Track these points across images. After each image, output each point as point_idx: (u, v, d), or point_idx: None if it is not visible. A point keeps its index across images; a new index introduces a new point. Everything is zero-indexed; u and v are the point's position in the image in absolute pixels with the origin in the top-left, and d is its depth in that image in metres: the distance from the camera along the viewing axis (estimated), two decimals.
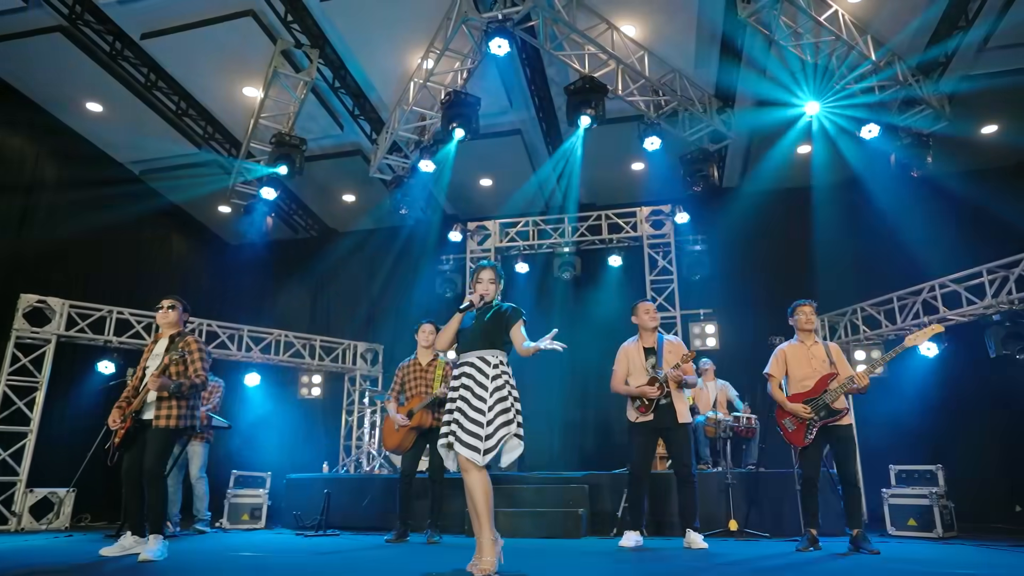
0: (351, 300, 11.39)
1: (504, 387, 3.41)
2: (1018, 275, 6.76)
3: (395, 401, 5.76)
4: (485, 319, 3.56)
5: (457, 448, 3.32)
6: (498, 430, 3.30)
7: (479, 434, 3.29)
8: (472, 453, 3.27)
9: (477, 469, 3.29)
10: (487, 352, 3.48)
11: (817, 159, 9.35)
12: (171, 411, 4.31)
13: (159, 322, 4.62)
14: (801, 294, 9.54)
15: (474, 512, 3.47)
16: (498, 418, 3.32)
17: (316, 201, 11.07)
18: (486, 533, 3.28)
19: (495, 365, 3.45)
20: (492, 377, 3.41)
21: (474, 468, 3.29)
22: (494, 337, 3.51)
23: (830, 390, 4.73)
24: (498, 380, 3.41)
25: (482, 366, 3.45)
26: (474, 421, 3.32)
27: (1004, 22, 6.91)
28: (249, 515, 7.37)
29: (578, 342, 10.22)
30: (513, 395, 3.43)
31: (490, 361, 3.46)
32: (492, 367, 3.44)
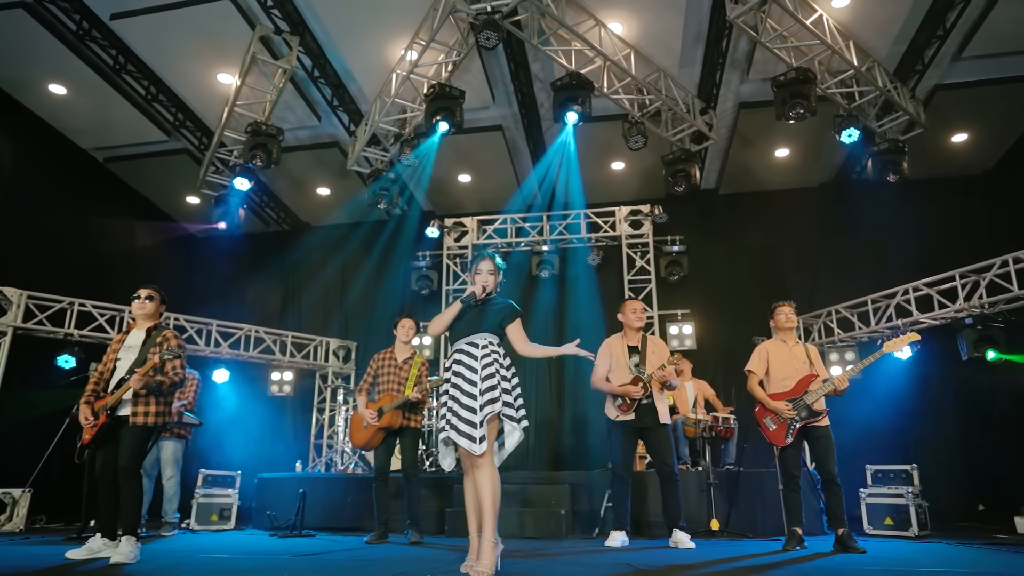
0: (324, 296, 11.15)
1: (492, 365, 3.29)
2: (989, 280, 6.94)
3: (365, 394, 5.60)
4: (481, 311, 3.47)
5: (454, 438, 3.21)
6: (489, 403, 3.19)
7: (473, 420, 3.17)
8: (467, 442, 3.14)
9: (484, 462, 3.16)
10: (476, 336, 3.38)
11: (795, 163, 9.49)
12: (149, 408, 4.11)
13: (135, 313, 4.40)
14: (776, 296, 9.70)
15: (472, 510, 3.36)
16: (489, 393, 3.21)
17: (289, 194, 10.80)
18: (488, 535, 3.14)
19: (483, 346, 3.35)
20: (480, 357, 3.31)
21: (483, 462, 3.16)
22: (487, 326, 3.41)
23: (811, 391, 4.76)
24: (486, 359, 3.30)
25: (470, 350, 3.35)
26: (466, 407, 3.21)
27: (978, 34, 7.09)
28: (218, 516, 7.12)
29: (555, 341, 10.21)
30: (502, 374, 3.30)
31: (478, 343, 3.36)
32: (480, 348, 3.34)
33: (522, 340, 3.48)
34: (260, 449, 10.36)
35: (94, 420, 4.13)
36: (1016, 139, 8.84)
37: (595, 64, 7.28)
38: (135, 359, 4.23)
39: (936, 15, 6.91)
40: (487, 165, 9.79)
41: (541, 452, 9.94)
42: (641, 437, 5.18)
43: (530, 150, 9.49)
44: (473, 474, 3.26)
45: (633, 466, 5.31)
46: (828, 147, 9.16)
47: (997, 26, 6.95)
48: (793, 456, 4.79)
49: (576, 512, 6.38)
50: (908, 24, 7.00)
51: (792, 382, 4.85)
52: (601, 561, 3.95)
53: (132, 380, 3.98)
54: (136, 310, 4.40)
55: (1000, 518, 7.68)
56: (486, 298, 3.52)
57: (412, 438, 5.56)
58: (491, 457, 3.24)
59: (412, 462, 5.53)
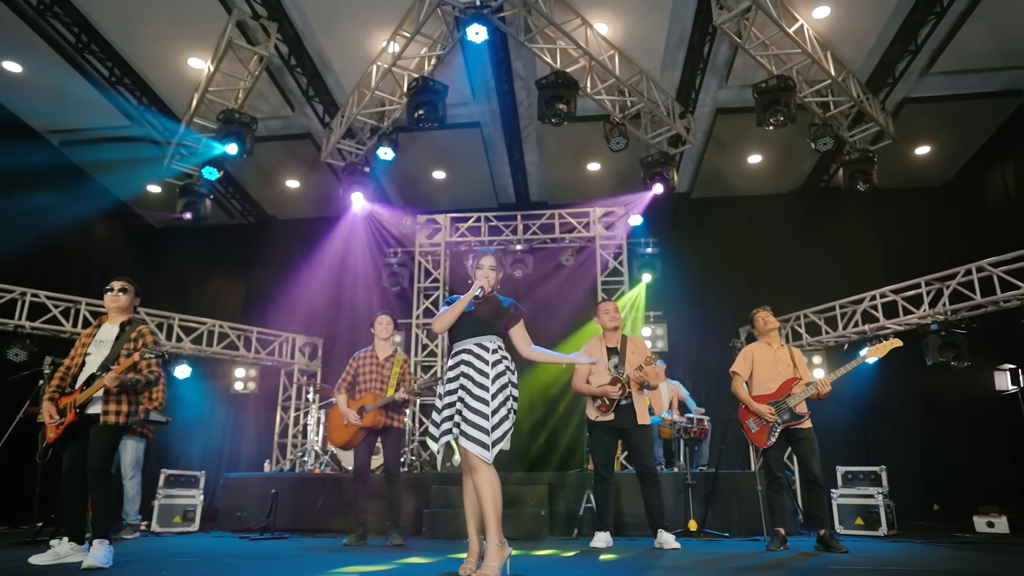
0: (289, 291, 10.83)
1: (505, 373, 3.23)
2: (953, 288, 7.19)
3: (345, 393, 5.45)
4: (484, 309, 3.39)
5: (463, 443, 3.12)
6: (503, 421, 3.13)
7: (484, 427, 3.09)
8: (479, 448, 3.06)
9: (486, 466, 3.10)
10: (484, 338, 3.29)
11: (766, 169, 9.68)
12: (121, 407, 3.91)
13: (109, 306, 4.18)
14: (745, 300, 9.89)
15: (472, 512, 3.30)
16: (501, 408, 3.14)
17: (256, 186, 10.49)
18: (493, 537, 3.06)
19: (494, 350, 3.26)
20: (492, 363, 3.21)
21: (482, 465, 3.09)
22: (492, 325, 3.33)
23: (793, 394, 4.83)
24: (499, 366, 3.22)
25: (480, 352, 3.25)
26: (478, 412, 3.11)
27: (947, 51, 7.34)
28: (181, 517, 6.85)
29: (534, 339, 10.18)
30: (512, 381, 3.26)
31: (488, 347, 3.26)
32: (491, 352, 3.25)
33: (526, 342, 3.43)
34: (222, 448, 10.05)
35: (60, 418, 3.90)
36: (974, 153, 9.21)
37: (579, 64, 7.27)
38: (107, 355, 4.02)
39: (908, 30, 7.12)
40: (463, 162, 9.69)
41: (516, 453, 9.88)
42: (621, 438, 5.18)
43: (507, 148, 9.42)
44: (472, 476, 3.19)
45: (614, 466, 5.30)
46: (798, 155, 9.39)
47: (965, 44, 7.22)
48: (776, 457, 4.86)
49: (553, 512, 6.35)
50: (883, 37, 7.20)
51: (775, 384, 4.91)
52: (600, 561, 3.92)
53: (107, 378, 3.77)
54: (109, 303, 4.18)
55: (954, 517, 7.99)
56: (488, 296, 3.45)
57: (395, 438, 5.44)
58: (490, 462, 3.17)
59: (395, 462, 5.41)
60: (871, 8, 6.77)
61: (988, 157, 8.97)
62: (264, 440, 10.07)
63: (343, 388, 5.47)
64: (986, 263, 6.86)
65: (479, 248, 3.71)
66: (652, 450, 5.11)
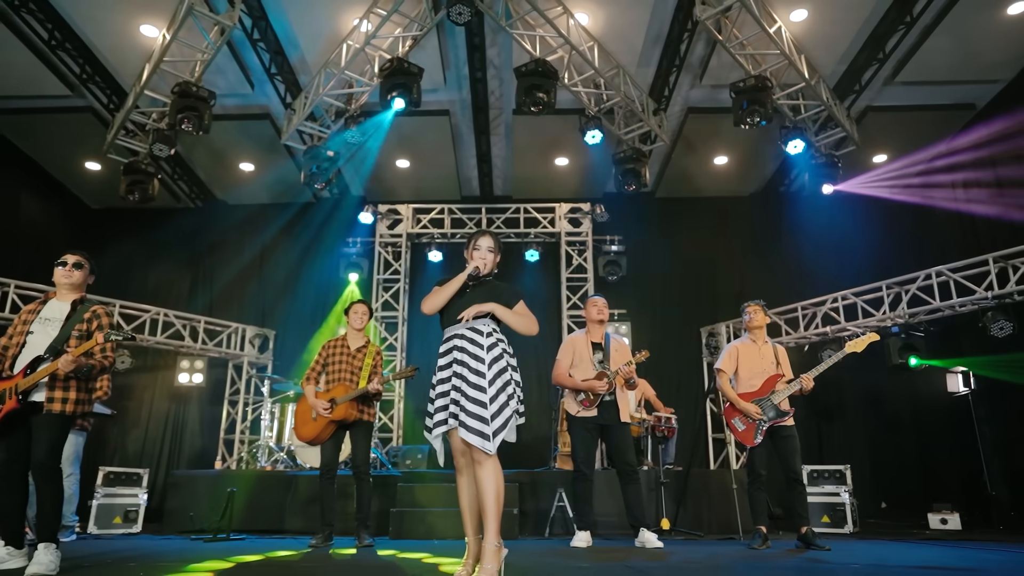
0: (239, 280, 10.31)
1: (502, 357, 3.01)
2: (912, 293, 7.39)
3: (314, 384, 5.14)
4: (478, 292, 3.18)
5: (463, 436, 2.89)
6: (503, 408, 2.90)
7: (484, 416, 2.86)
8: (479, 439, 2.83)
9: (488, 459, 2.87)
10: (477, 322, 3.07)
11: (731, 171, 9.77)
12: (68, 394, 3.52)
13: (60, 281, 3.76)
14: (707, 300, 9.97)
15: (469, 511, 3.07)
16: (500, 394, 2.92)
17: (207, 167, 9.92)
18: (492, 538, 2.83)
19: (488, 333, 3.04)
20: (488, 347, 3.00)
21: (485, 458, 2.87)
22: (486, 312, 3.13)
23: (777, 391, 4.81)
24: (495, 349, 3.01)
25: (474, 336, 3.02)
26: (476, 401, 2.89)
27: (912, 61, 7.55)
28: (123, 518, 6.36)
29: None
30: (511, 364, 3.05)
31: (482, 330, 3.04)
32: (485, 336, 3.03)
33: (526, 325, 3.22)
34: (162, 444, 9.46)
35: None
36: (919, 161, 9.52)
37: (556, 54, 7.13)
38: (56, 336, 3.62)
39: (878, 39, 7.28)
40: (428, 151, 9.41)
41: None
42: (602, 435, 5.07)
43: (475, 139, 9.21)
44: (473, 471, 2.97)
45: (594, 463, 5.18)
46: (762, 158, 9.53)
47: (928, 56, 7.43)
48: (760, 456, 4.82)
49: (524, 512, 6.18)
50: (853, 44, 7.34)
51: (759, 381, 4.88)
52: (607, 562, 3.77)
53: (62, 361, 3.38)
54: (61, 278, 3.77)
55: (902, 515, 8.24)
56: (484, 279, 3.25)
57: (365, 432, 5.15)
58: (494, 455, 2.96)
59: (364, 458, 5.12)
60: (846, 14, 6.88)
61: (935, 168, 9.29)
62: (209, 436, 9.53)
63: (312, 379, 5.16)
64: (945, 268, 7.08)
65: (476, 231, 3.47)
66: (633, 448, 5.01)
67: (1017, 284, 6.55)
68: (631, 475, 4.93)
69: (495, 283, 3.27)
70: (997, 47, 7.35)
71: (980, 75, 7.87)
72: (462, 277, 3.16)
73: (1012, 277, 6.62)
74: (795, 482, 4.75)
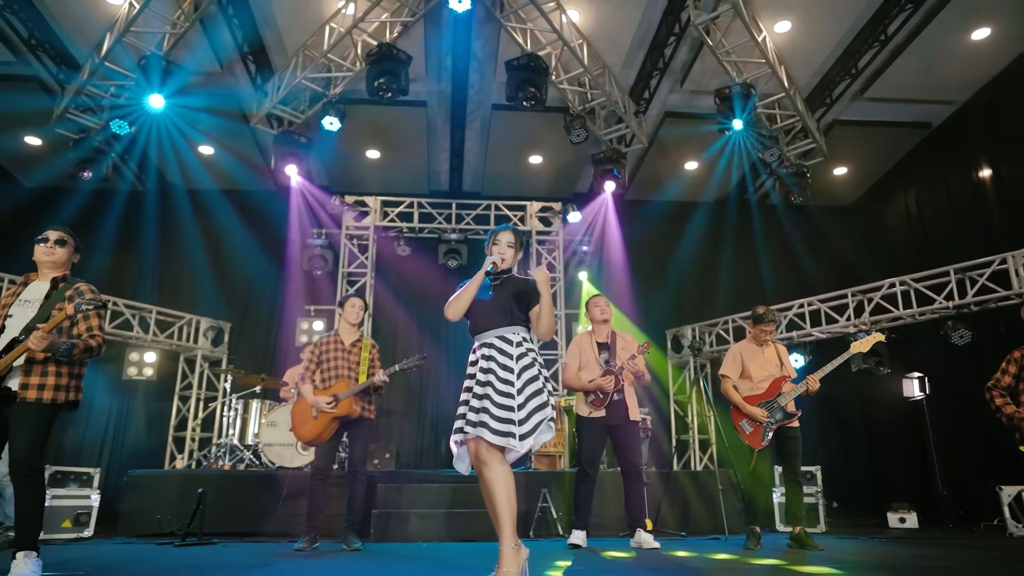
0: (191, 269, 9.76)
1: (533, 365, 2.96)
2: (876, 301, 7.69)
3: (311, 383, 4.91)
4: (501, 291, 3.08)
5: (486, 436, 2.79)
6: (533, 413, 2.85)
7: (512, 418, 2.80)
8: (505, 439, 2.76)
9: (499, 462, 2.81)
10: (507, 330, 3.01)
11: (699, 177, 9.94)
12: (46, 379, 3.19)
13: (41, 259, 3.44)
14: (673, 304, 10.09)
15: (493, 514, 2.96)
16: (531, 400, 2.86)
17: (160, 149, 9.29)
18: (507, 539, 2.77)
19: (518, 343, 2.99)
20: (517, 357, 2.94)
21: (495, 461, 2.81)
22: (513, 312, 3.04)
23: (784, 393, 4.88)
24: (524, 359, 2.95)
25: (503, 346, 2.97)
26: (503, 406, 2.83)
27: (881, 79, 7.87)
28: (73, 521, 5.88)
29: (460, 333, 9.82)
30: (544, 373, 2.99)
31: (511, 339, 2.99)
32: (515, 345, 2.98)
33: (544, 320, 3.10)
34: (104, 441, 8.86)
35: None
36: (879, 177, 9.99)
37: (545, 50, 7.06)
38: (34, 316, 3.29)
39: (850, 55, 7.55)
40: (401, 143, 9.18)
41: (435, 449, 9.50)
42: (610, 434, 5.02)
43: (449, 132, 9.03)
44: (485, 472, 2.86)
45: (599, 464, 5.13)
46: (732, 166, 9.73)
47: (896, 75, 7.76)
48: (767, 457, 4.87)
49: None
50: (829, 58, 7.58)
51: (766, 384, 4.92)
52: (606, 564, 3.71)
53: (32, 338, 3.02)
54: (42, 256, 3.46)
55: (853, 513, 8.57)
56: (504, 275, 3.15)
57: (366, 430, 4.96)
58: (501, 455, 2.87)
59: (363, 457, 4.93)
60: (827, 27, 7.10)
61: (893, 182, 9.76)
62: (156, 433, 8.97)
63: (309, 378, 4.90)
64: (908, 278, 7.40)
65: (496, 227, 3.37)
66: (639, 448, 4.99)
67: (975, 295, 6.90)
68: (636, 475, 4.90)
69: (518, 279, 3.16)
70: (957, 70, 7.74)
71: (939, 95, 8.27)
72: (480, 276, 3.09)
73: (970, 289, 6.97)
74: (794, 483, 4.84)
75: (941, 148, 8.86)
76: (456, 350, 9.83)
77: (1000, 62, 7.62)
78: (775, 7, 6.79)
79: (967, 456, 7.93)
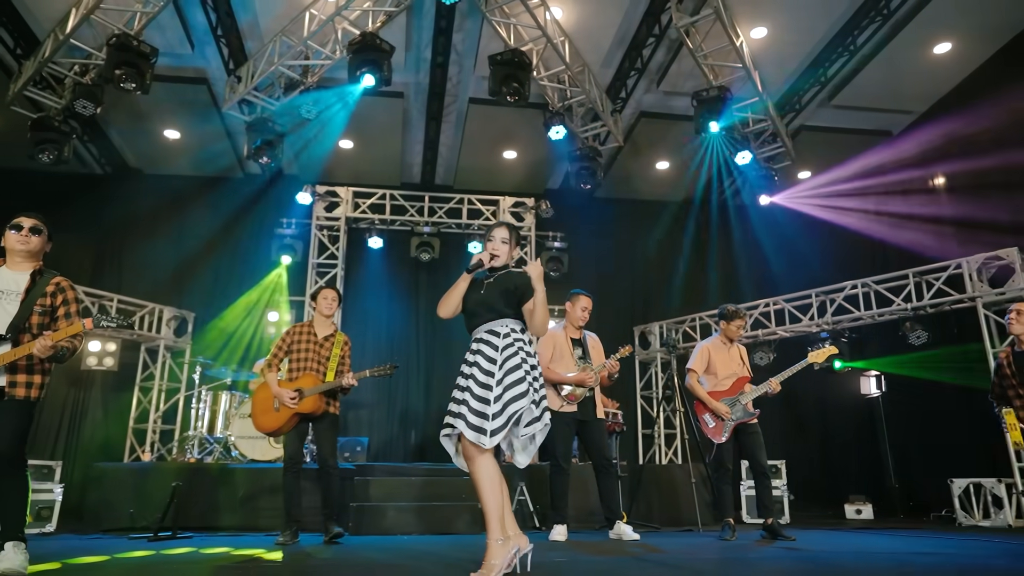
0: (154, 257, 9.47)
1: (517, 356, 2.90)
2: (838, 303, 7.97)
3: (276, 371, 4.83)
4: (495, 286, 3.07)
5: (462, 430, 2.80)
6: (508, 405, 2.80)
7: (486, 412, 2.78)
8: (477, 435, 2.75)
9: (480, 454, 2.78)
10: (496, 323, 2.99)
11: (669, 177, 10.12)
12: (33, 378, 3.20)
13: (14, 247, 3.33)
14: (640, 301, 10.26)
15: None
16: (508, 391, 2.82)
17: (124, 132, 9.01)
18: (492, 532, 2.76)
19: (505, 335, 2.95)
20: (502, 348, 2.92)
21: (477, 454, 2.78)
22: (504, 307, 3.01)
23: (746, 392, 5.04)
24: (509, 350, 2.91)
25: (491, 339, 2.95)
26: (481, 398, 2.81)
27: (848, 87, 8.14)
28: (34, 516, 5.68)
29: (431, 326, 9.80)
30: (529, 366, 2.93)
31: (499, 332, 2.96)
32: (501, 337, 2.95)
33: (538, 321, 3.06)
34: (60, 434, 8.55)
35: None
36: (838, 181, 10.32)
37: (528, 46, 7.08)
38: (18, 312, 3.20)
39: (818, 62, 7.80)
40: (376, 133, 9.08)
41: (404, 442, 9.47)
42: (579, 430, 5.11)
43: (424, 125, 8.97)
44: (469, 468, 2.88)
45: (572, 458, 5.22)
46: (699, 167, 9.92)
47: (862, 84, 8.05)
48: (728, 451, 5.03)
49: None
50: (800, 65, 7.81)
51: (729, 382, 5.09)
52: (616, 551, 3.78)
53: (39, 345, 3.01)
54: (16, 245, 3.35)
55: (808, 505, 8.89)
56: (500, 271, 3.15)
57: (331, 425, 4.89)
58: (487, 451, 2.86)
59: (331, 451, 4.87)
60: (800, 36, 7.32)
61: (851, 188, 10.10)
62: (114, 425, 8.68)
63: (274, 366, 4.83)
64: (870, 280, 7.70)
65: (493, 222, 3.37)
66: (607, 441, 5.10)
67: (931, 298, 7.23)
68: (608, 469, 5.01)
69: (514, 274, 3.13)
70: (918, 81, 8.08)
71: (900, 105, 8.62)
72: (466, 278, 3.07)
73: (926, 292, 7.30)
74: (762, 475, 5.00)
75: (899, 155, 9.21)
76: (425, 344, 9.81)
77: (958, 76, 7.98)
78: (753, 13, 6.96)
79: (918, 451, 8.32)
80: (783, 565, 3.39)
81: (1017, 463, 6.34)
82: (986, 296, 6.81)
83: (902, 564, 3.40)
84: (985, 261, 6.90)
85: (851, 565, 3.36)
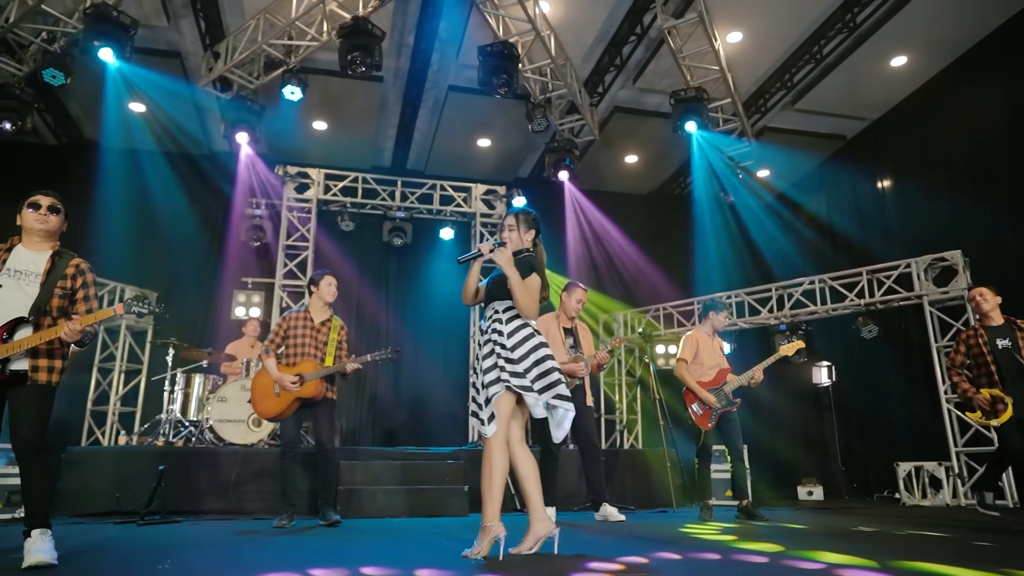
0: (116, 233, 9.10)
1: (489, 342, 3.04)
2: (796, 297, 8.44)
3: (274, 356, 4.86)
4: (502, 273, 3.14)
5: (472, 420, 3.02)
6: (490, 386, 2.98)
7: (479, 401, 3.04)
8: (477, 423, 3.00)
9: (488, 443, 2.97)
10: (497, 304, 3.12)
11: (637, 170, 10.41)
12: (54, 362, 3.13)
13: (32, 226, 3.25)
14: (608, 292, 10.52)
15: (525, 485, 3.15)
16: (487, 375, 3.01)
17: (83, 101, 8.63)
18: (486, 512, 2.91)
19: (489, 317, 3.14)
20: (506, 321, 3.06)
21: (485, 443, 2.99)
22: (498, 292, 3.13)
23: (729, 382, 5.35)
24: (485, 335, 3.12)
25: (496, 317, 3.11)
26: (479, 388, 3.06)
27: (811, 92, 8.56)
28: (4, 501, 5.50)
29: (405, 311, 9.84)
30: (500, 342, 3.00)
31: (488, 315, 3.15)
32: (489, 320, 3.13)
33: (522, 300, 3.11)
34: None
35: None
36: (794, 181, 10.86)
37: (514, 39, 7.16)
38: (39, 294, 3.15)
39: (785, 68, 8.18)
40: (352, 116, 9.00)
41: (372, 427, 9.51)
42: None
43: (400, 110, 8.95)
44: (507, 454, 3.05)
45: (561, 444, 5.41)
46: (667, 162, 10.27)
47: (825, 89, 8.48)
48: (712, 437, 5.34)
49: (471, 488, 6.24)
50: (768, 70, 8.17)
51: (713, 372, 5.38)
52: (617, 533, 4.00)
53: (67, 329, 2.97)
54: (34, 224, 3.27)
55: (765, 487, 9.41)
56: (517, 255, 3.21)
57: (329, 410, 4.96)
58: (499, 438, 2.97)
59: (329, 436, 4.94)
60: (771, 42, 7.65)
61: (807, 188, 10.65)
62: (70, 408, 8.36)
63: (273, 351, 4.85)
64: (827, 276, 8.18)
65: None
66: (595, 427, 5.32)
67: (882, 295, 7.75)
68: (594, 453, 5.24)
69: (518, 258, 3.18)
70: (875, 90, 8.57)
71: (856, 112, 9.12)
72: (475, 268, 3.20)
73: (878, 290, 7.82)
74: (738, 460, 5.33)
75: (852, 159, 9.77)
76: (395, 329, 9.84)
77: (910, 87, 8.50)
78: (731, 18, 7.25)
79: (863, 437, 8.93)
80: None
81: (954, 448, 6.93)
82: (932, 294, 7.36)
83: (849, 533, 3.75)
84: (931, 262, 7.45)
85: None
